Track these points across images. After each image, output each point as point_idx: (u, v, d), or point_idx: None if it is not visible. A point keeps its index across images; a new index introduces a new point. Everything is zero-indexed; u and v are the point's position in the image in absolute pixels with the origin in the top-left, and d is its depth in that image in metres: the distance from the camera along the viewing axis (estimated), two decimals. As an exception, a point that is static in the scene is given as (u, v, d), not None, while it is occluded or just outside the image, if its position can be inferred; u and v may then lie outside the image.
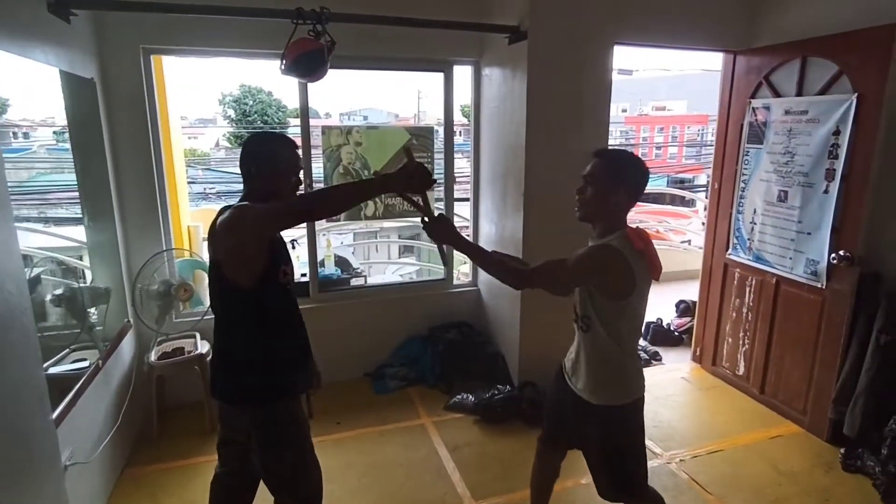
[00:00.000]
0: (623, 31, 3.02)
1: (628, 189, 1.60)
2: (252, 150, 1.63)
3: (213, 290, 1.62)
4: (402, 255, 10.56)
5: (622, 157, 1.64)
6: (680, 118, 29.67)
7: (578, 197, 1.64)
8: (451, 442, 2.89)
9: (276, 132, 1.75)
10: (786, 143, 2.94)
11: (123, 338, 2.79)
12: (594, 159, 1.64)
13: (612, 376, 1.68)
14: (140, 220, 2.99)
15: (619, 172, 1.59)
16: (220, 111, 24.13)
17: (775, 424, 3.03)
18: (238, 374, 1.63)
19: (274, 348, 1.64)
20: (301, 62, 2.53)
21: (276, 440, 1.65)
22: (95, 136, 2.67)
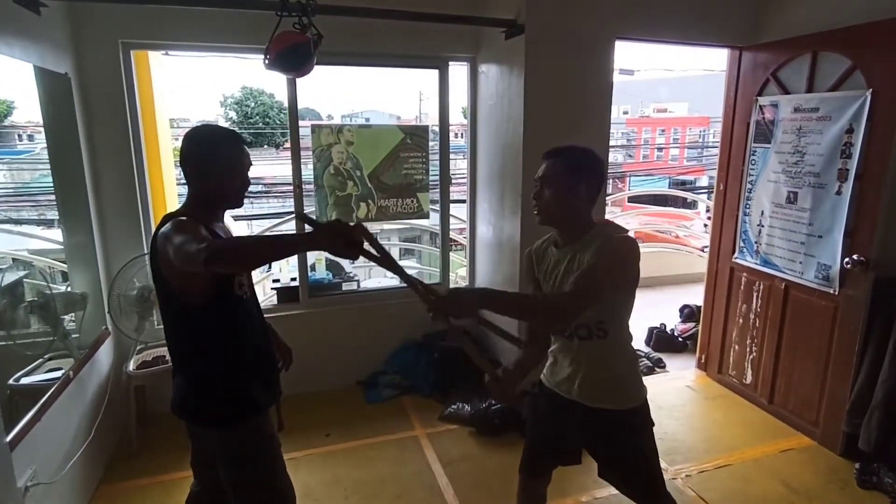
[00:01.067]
0: (625, 26, 2.89)
1: (589, 185, 1.51)
2: (193, 148, 1.43)
3: (161, 304, 1.48)
4: (402, 257, 10.43)
5: (576, 154, 1.53)
6: (681, 120, 29.56)
7: (536, 202, 1.55)
8: (445, 456, 2.75)
9: (220, 126, 1.53)
10: (795, 142, 2.81)
11: (100, 346, 2.66)
12: (546, 160, 1.54)
13: (632, 376, 1.61)
14: (119, 223, 2.86)
15: (576, 169, 1.50)
16: (222, 113, 24.07)
17: (785, 437, 2.88)
18: (198, 394, 1.50)
19: (235, 366, 1.50)
20: (286, 56, 2.40)
21: (243, 462, 1.52)
22: (71, 134, 2.54)
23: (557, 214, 1.53)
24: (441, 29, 3.11)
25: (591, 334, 1.54)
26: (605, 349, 1.55)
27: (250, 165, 1.50)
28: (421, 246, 9.09)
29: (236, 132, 1.51)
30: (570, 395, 1.61)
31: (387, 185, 3.39)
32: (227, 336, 1.48)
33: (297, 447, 2.76)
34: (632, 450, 1.62)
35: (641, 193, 15.40)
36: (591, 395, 1.58)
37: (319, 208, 3.31)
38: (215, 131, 1.49)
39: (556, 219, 1.54)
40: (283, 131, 23.15)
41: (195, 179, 1.44)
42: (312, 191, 3.26)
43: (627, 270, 1.48)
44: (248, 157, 1.49)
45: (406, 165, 3.41)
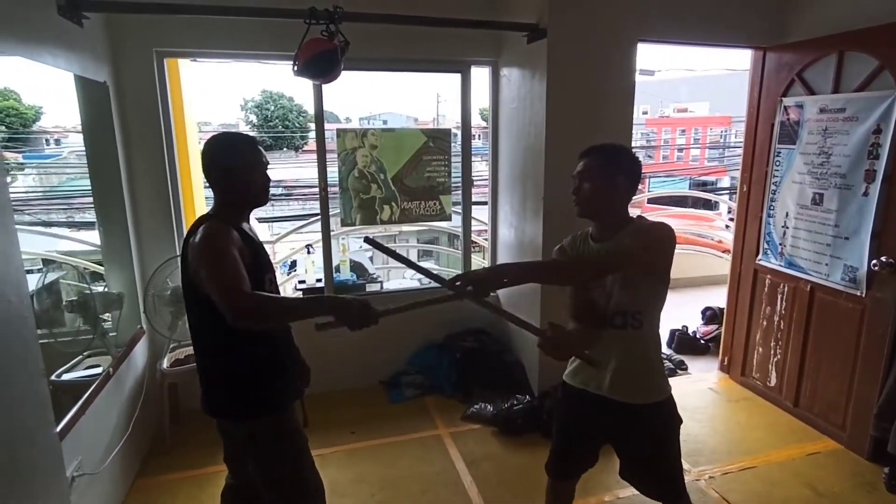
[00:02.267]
0: (647, 28, 2.90)
1: (627, 177, 1.58)
2: (214, 155, 1.53)
3: (192, 308, 1.54)
4: (421, 258, 10.49)
5: (612, 149, 1.61)
6: (702, 120, 29.14)
7: (576, 196, 1.61)
8: (469, 455, 2.79)
9: (234, 132, 1.68)
10: (821, 142, 2.79)
11: (136, 344, 2.76)
12: (583, 158, 1.62)
13: (661, 369, 1.65)
14: (153, 225, 2.96)
15: (613, 163, 1.58)
16: (243, 116, 24.47)
17: (811, 440, 2.86)
18: (227, 390, 1.57)
19: (262, 362, 1.57)
20: (314, 63, 2.47)
21: (271, 456, 1.58)
22: (108, 140, 2.64)
23: (597, 207, 1.58)
24: (463, 34, 3.15)
25: (627, 324, 1.57)
26: (638, 340, 1.59)
27: (268, 164, 1.59)
28: (439, 247, 9.12)
29: (250, 137, 1.61)
30: (600, 391, 1.63)
31: (410, 187, 3.45)
32: (255, 333, 1.54)
33: (324, 444, 2.82)
34: (658, 445, 1.64)
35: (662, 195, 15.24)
36: (623, 388, 1.60)
37: (344, 210, 3.37)
38: (232, 136, 1.60)
39: (596, 211, 1.60)
40: (301, 134, 23.48)
41: (220, 183, 1.52)
42: (337, 193, 3.33)
43: (663, 249, 1.52)
44: (264, 156, 1.58)
45: (429, 168, 3.46)
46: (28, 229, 5.08)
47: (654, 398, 1.60)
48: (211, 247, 1.40)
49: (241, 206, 1.57)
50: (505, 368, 3.40)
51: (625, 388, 1.60)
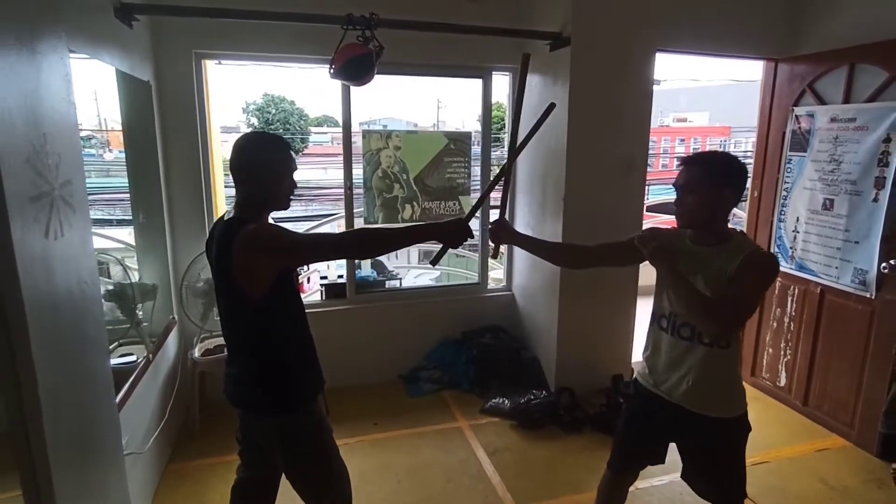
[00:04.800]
0: (665, 38, 3.02)
1: (734, 189, 1.54)
2: (248, 153, 1.53)
3: (225, 301, 1.58)
4: (422, 260, 10.55)
5: (720, 159, 1.57)
6: (702, 130, 29.38)
7: (679, 208, 1.58)
8: (490, 446, 2.88)
9: (268, 133, 1.63)
10: (831, 150, 2.91)
11: (169, 334, 2.85)
12: (688, 168, 1.56)
13: (740, 383, 1.66)
14: (187, 221, 3.06)
15: (720, 176, 1.53)
16: (244, 119, 24.59)
17: (821, 437, 2.96)
18: (259, 382, 1.58)
19: (293, 352, 1.61)
20: (350, 67, 2.58)
21: (300, 446, 1.63)
22: (149, 137, 2.75)
23: (701, 220, 1.56)
24: (486, 42, 3.27)
25: (714, 342, 1.57)
26: (723, 358, 1.58)
27: (296, 169, 1.62)
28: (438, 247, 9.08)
29: (283, 138, 1.62)
30: (672, 399, 1.64)
31: (431, 188, 3.56)
32: (286, 326, 1.60)
33: (349, 434, 2.91)
34: (730, 457, 1.66)
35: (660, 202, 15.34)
36: (700, 401, 1.60)
37: (367, 209, 3.48)
38: (265, 138, 1.60)
39: (699, 224, 1.57)
40: (302, 137, 23.60)
41: (247, 184, 1.52)
42: (361, 193, 3.43)
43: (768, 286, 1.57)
44: (294, 161, 1.60)
45: (449, 170, 3.57)
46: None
47: (731, 412, 1.61)
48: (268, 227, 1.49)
49: (263, 208, 1.57)
50: (521, 365, 3.50)
51: (701, 400, 1.60)
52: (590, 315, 3.25)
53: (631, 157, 3.11)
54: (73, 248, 1.45)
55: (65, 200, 1.39)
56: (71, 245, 1.43)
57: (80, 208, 1.49)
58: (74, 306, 1.45)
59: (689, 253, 1.61)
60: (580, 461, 2.77)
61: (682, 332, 1.63)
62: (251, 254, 1.46)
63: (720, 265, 1.53)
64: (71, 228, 1.42)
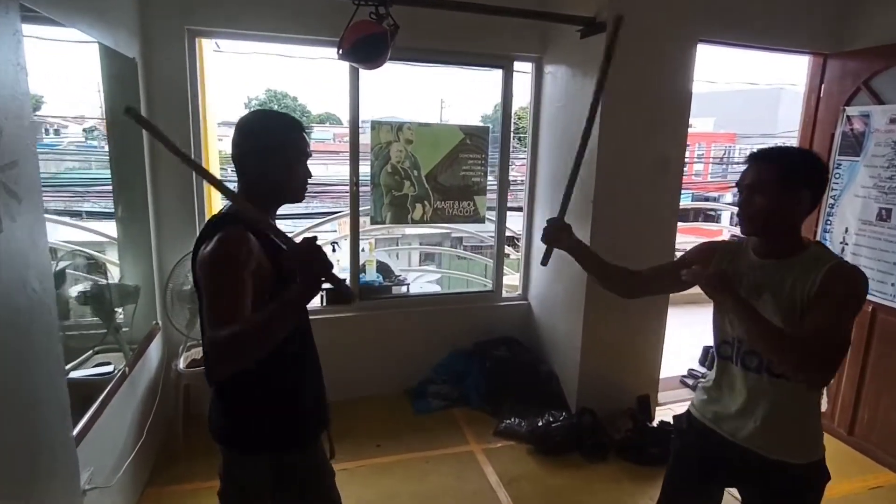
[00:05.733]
0: (707, 28, 2.75)
1: (813, 191, 1.28)
2: (248, 135, 1.24)
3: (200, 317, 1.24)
4: (423, 262, 10.27)
5: (796, 157, 1.31)
6: (706, 135, 29.14)
7: (744, 210, 1.33)
8: (506, 474, 2.59)
9: (280, 112, 1.33)
10: (890, 155, 2.63)
11: (151, 341, 2.56)
12: (758, 164, 1.31)
13: (817, 423, 1.39)
14: (175, 217, 2.77)
15: (797, 176, 1.27)
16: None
17: (871, 472, 2.68)
18: (249, 416, 1.31)
19: (290, 383, 1.33)
20: (362, 47, 2.30)
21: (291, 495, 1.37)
22: (133, 123, 2.45)
23: (770, 226, 1.31)
24: (508, 27, 3.01)
25: (762, 368, 1.34)
26: (798, 393, 1.32)
27: (310, 155, 1.33)
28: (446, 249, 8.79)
29: (296, 118, 1.30)
30: (737, 440, 1.40)
31: (444, 186, 3.27)
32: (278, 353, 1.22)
33: (349, 458, 2.62)
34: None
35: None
36: (770, 443, 1.35)
37: (374, 208, 3.19)
38: (278, 118, 1.30)
39: (768, 232, 1.33)
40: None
41: (255, 170, 1.25)
42: (369, 190, 3.15)
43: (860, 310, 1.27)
44: (309, 144, 1.32)
45: (465, 167, 3.29)
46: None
47: (804, 458, 1.35)
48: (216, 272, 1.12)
49: (271, 201, 1.29)
50: (538, 380, 3.21)
51: (768, 441, 1.36)
52: (617, 328, 2.96)
53: (666, 158, 2.83)
54: (17, 246, 1.16)
55: (6, 187, 1.10)
56: (13, 242, 1.14)
57: (30, 197, 1.21)
58: (17, 315, 1.17)
59: (754, 267, 1.35)
60: (607, 494, 2.48)
61: (748, 361, 1.36)
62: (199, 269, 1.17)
63: (793, 282, 1.27)
64: (14, 222, 1.13)
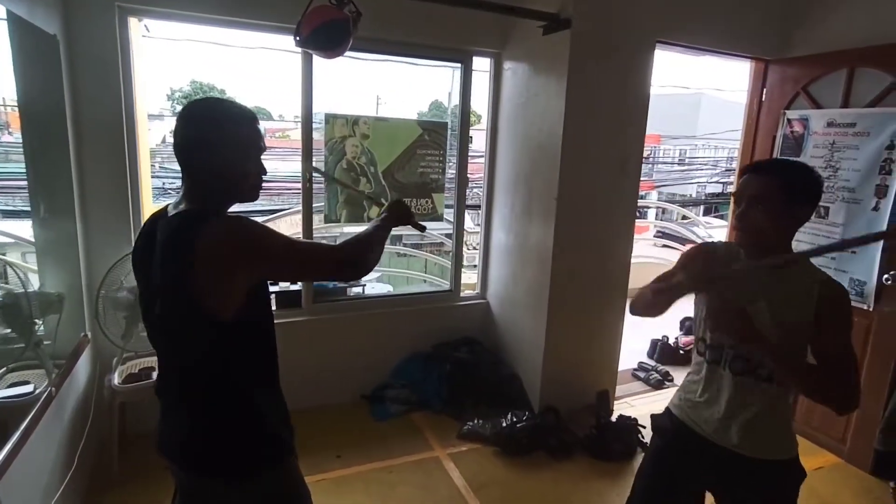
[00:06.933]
0: (665, 30, 2.80)
1: (809, 208, 1.31)
2: (197, 126, 1.12)
3: (171, 322, 1.14)
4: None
5: (797, 170, 1.32)
6: (633, 137, 30.55)
7: (741, 223, 1.33)
8: (475, 480, 2.53)
9: (233, 101, 1.19)
10: (828, 156, 2.80)
11: (80, 356, 2.27)
12: (758, 177, 1.32)
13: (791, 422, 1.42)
14: (106, 216, 2.48)
15: (796, 190, 1.29)
16: (168, 107, 22.87)
17: (812, 454, 2.84)
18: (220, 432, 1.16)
19: (267, 391, 1.23)
20: (322, 33, 2.14)
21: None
22: (54, 108, 2.16)
23: (767, 238, 1.31)
24: (468, 23, 2.95)
25: (774, 378, 1.34)
26: (781, 396, 1.35)
27: (265, 149, 1.21)
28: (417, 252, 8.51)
29: (249, 108, 1.18)
30: (722, 442, 1.40)
31: (401, 183, 3.16)
32: (260, 356, 1.21)
33: (307, 471, 2.38)
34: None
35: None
36: (756, 444, 1.36)
37: (328, 205, 3.03)
38: (231, 107, 1.16)
39: (763, 244, 1.32)
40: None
41: (201, 167, 1.12)
42: (323, 187, 2.98)
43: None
44: (263, 138, 1.20)
45: (422, 163, 3.18)
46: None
47: (785, 454, 1.38)
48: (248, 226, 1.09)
49: (223, 199, 1.17)
50: (500, 382, 3.17)
51: (755, 442, 1.37)
52: (578, 327, 2.98)
53: (626, 157, 2.86)
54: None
55: None
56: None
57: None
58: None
59: (749, 274, 1.35)
60: (577, 493, 2.48)
61: (736, 366, 1.38)
62: (226, 259, 1.04)
63: (787, 292, 1.29)
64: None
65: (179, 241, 1.06)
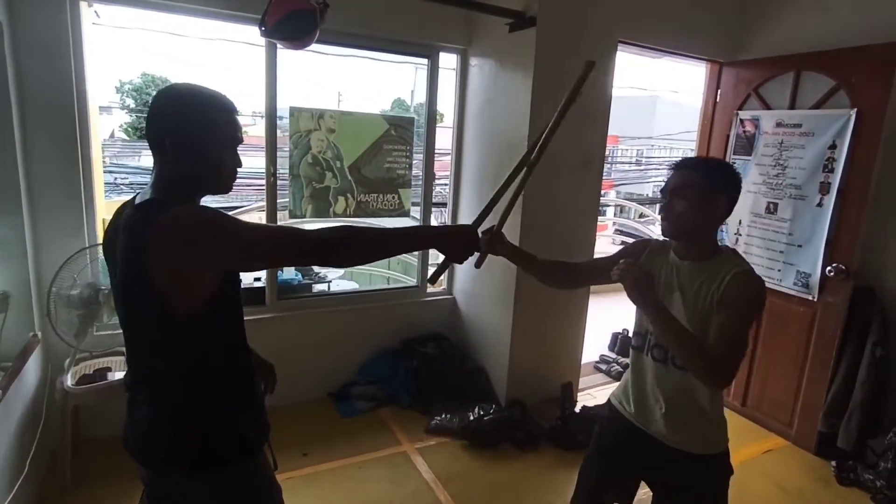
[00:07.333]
0: (626, 29, 2.88)
1: (728, 198, 1.39)
2: (173, 114, 1.09)
3: (136, 315, 1.12)
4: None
5: (716, 165, 1.43)
6: (593, 137, 31.21)
7: (666, 214, 1.41)
8: (443, 472, 2.54)
9: (208, 88, 1.14)
10: (776, 155, 2.95)
11: (28, 357, 2.15)
12: (681, 172, 1.41)
13: (720, 417, 1.44)
14: (57, 210, 2.36)
15: (718, 182, 1.38)
16: (118, 100, 21.88)
17: (762, 438, 3.00)
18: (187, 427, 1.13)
19: (235, 386, 1.19)
20: (288, 23, 2.10)
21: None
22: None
23: (690, 229, 1.39)
24: (435, 18, 2.95)
25: (668, 359, 1.42)
26: (701, 385, 1.39)
27: (242, 140, 1.18)
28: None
29: (226, 96, 1.14)
30: (650, 430, 1.46)
31: (368, 178, 3.13)
32: (229, 350, 1.18)
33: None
34: (700, 499, 1.46)
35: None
36: (674, 432, 1.42)
37: (293, 200, 2.98)
38: (209, 95, 1.12)
39: (688, 234, 1.41)
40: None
41: (177, 157, 1.09)
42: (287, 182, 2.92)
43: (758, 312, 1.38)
44: (240, 128, 1.17)
45: (389, 158, 3.17)
46: None
47: (707, 449, 1.42)
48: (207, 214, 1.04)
49: (195, 189, 1.14)
50: (467, 376, 3.20)
51: (675, 431, 1.42)
52: (543, 321, 3.04)
53: (589, 156, 2.94)
54: None
55: None
56: None
57: None
58: None
59: (671, 267, 1.46)
60: (544, 482, 2.53)
61: (656, 353, 1.46)
62: (182, 247, 1.01)
63: (701, 283, 1.38)
64: None
65: (140, 231, 1.02)
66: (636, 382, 1.52)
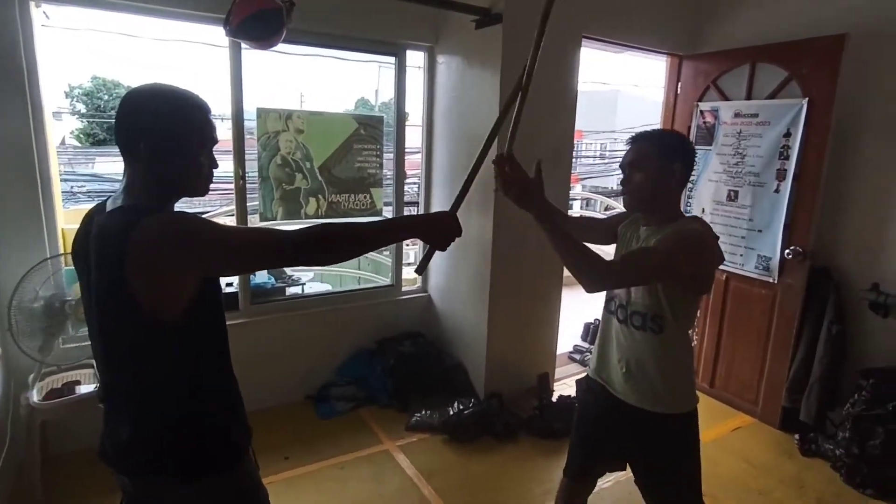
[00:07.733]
0: (590, 24, 2.95)
1: (684, 165, 1.45)
2: (146, 114, 1.06)
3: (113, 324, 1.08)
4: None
5: (668, 135, 1.54)
6: (558, 131, 31.63)
7: (626, 187, 1.49)
8: (425, 468, 2.56)
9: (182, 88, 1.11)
10: (735, 144, 3.06)
11: (-9, 374, 2.08)
12: (636, 144, 1.49)
13: (686, 379, 1.52)
14: (14, 221, 2.28)
15: (671, 150, 1.45)
16: (68, 105, 20.95)
17: (730, 417, 3.12)
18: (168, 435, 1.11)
19: (217, 391, 1.18)
20: (254, 23, 2.06)
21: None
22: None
23: (649, 198, 1.46)
24: (401, 16, 2.95)
25: (645, 325, 1.47)
26: (656, 345, 1.46)
27: (217, 142, 1.16)
28: None
29: (200, 97, 1.12)
30: (610, 386, 1.56)
31: (338, 178, 3.11)
32: (210, 356, 1.17)
33: (255, 476, 2.38)
34: (667, 460, 1.53)
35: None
36: (633, 391, 1.50)
37: (263, 203, 2.93)
38: (183, 95, 1.10)
39: (648, 203, 1.48)
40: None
41: (151, 159, 1.06)
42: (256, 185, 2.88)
43: (690, 263, 1.38)
44: (216, 129, 1.15)
45: (359, 158, 3.16)
46: None
47: (671, 409, 1.47)
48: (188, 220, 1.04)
49: (170, 193, 1.12)
50: (445, 372, 3.22)
51: (634, 390, 1.49)
52: (519, 313, 3.09)
53: (558, 150, 2.99)
54: None
55: None
56: None
57: None
58: None
59: (639, 234, 1.54)
60: (524, 471, 2.58)
61: (619, 314, 1.53)
62: (161, 254, 0.99)
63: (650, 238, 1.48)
64: None
65: (117, 238, 1.00)
66: (601, 343, 1.61)
